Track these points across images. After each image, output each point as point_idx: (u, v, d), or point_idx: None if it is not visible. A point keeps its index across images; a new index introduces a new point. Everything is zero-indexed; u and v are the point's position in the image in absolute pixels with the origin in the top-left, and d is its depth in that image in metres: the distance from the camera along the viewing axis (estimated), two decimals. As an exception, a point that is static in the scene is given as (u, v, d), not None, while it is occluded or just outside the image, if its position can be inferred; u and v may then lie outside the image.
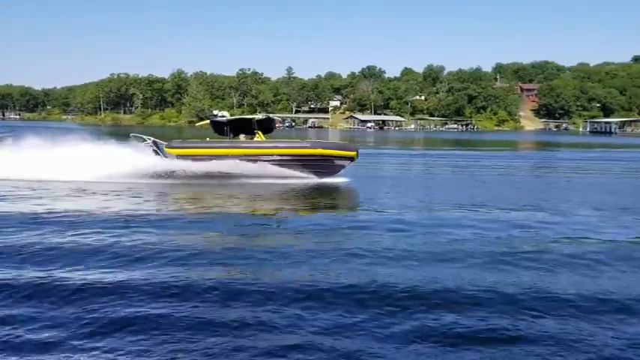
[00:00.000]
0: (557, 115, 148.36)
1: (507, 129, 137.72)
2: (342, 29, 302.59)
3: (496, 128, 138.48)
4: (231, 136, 19.66)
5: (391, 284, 7.53)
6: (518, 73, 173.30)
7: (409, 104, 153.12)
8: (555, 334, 6.09)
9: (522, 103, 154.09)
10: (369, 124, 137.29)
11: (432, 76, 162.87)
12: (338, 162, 19.26)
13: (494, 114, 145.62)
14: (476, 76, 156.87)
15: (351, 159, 19.54)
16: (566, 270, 8.47)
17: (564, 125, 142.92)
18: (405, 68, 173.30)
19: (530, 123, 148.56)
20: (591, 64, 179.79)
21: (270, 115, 23.54)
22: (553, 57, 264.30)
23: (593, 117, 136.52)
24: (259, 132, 19.44)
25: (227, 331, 6.00)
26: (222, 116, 20.34)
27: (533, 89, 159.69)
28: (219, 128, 19.92)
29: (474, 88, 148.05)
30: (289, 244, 9.73)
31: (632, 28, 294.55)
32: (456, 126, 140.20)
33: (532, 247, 9.78)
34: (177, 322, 6.22)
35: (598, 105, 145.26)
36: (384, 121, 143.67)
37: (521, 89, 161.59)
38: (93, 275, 7.75)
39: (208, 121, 20.75)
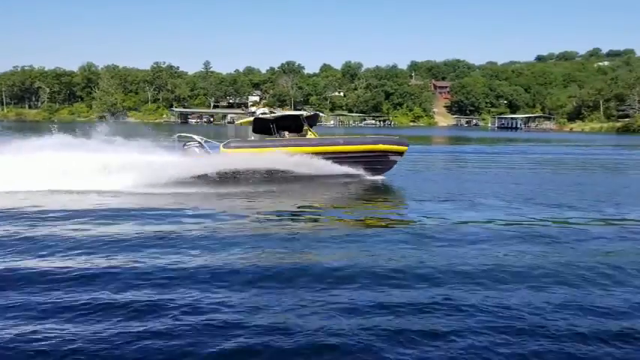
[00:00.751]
0: (468, 111, 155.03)
1: (422, 125, 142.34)
2: (260, 24, 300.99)
3: (412, 124, 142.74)
4: (277, 133, 18.27)
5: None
6: (432, 71, 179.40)
7: (328, 100, 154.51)
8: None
9: (436, 99, 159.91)
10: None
11: (351, 72, 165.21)
12: (392, 157, 18.70)
13: (410, 110, 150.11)
14: (392, 73, 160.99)
15: (402, 154, 19.05)
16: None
17: (474, 121, 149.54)
18: (324, 64, 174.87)
19: (444, 119, 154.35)
20: (499, 63, 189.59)
21: (317, 112, 22.17)
22: (464, 56, 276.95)
23: (501, 113, 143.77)
24: (310, 129, 18.58)
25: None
26: (264, 113, 18.90)
27: (446, 86, 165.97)
28: (264, 125, 18.41)
29: (391, 85, 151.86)
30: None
31: (536, 29, 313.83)
32: (373, 122, 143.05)
33: (441, 229, 10.89)
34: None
35: (505, 102, 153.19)
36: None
37: (435, 86, 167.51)
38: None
39: (250, 119, 19.08)
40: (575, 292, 7.33)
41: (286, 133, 18.51)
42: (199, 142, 17.71)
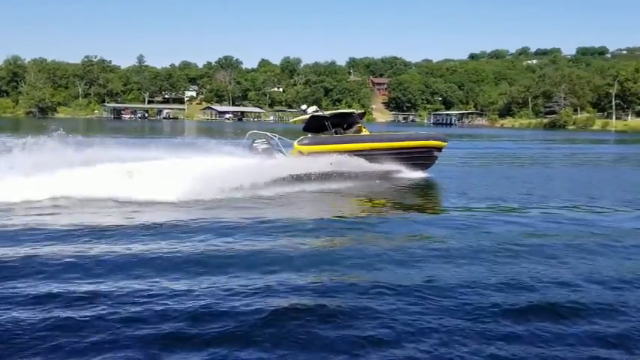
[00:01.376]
0: (405, 107, 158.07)
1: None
2: (197, 18, 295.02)
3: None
4: (332, 131, 17.90)
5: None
6: (370, 67, 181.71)
7: (267, 95, 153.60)
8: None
9: (374, 96, 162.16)
10: (227, 116, 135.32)
11: (290, 68, 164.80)
12: (435, 153, 18.61)
13: (349, 106, 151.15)
14: (331, 69, 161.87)
15: (442, 150, 18.85)
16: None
17: (411, 117, 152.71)
18: (263, 60, 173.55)
19: (382, 115, 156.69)
20: (434, 61, 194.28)
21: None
22: (400, 53, 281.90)
23: (436, 110, 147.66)
24: (363, 126, 18.30)
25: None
26: (316, 111, 18.47)
27: (384, 83, 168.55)
28: (319, 123, 18.01)
29: (330, 81, 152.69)
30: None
31: (469, 28, 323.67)
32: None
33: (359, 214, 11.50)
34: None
35: (440, 99, 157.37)
36: (242, 113, 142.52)
37: (373, 83, 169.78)
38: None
39: (306, 116, 18.37)
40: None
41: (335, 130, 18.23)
42: (270, 140, 17.44)
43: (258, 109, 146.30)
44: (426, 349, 5.32)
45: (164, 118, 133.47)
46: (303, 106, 19.22)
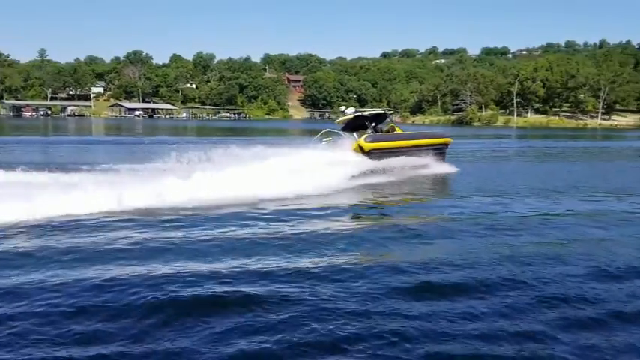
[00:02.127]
0: (320, 105, 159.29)
1: (277, 118, 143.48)
2: (103, 11, 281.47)
3: (267, 117, 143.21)
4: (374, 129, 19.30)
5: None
6: (285, 64, 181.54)
7: (180, 92, 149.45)
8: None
9: (290, 93, 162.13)
10: (137, 112, 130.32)
11: (203, 64, 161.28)
12: (447, 149, 20.86)
13: (265, 103, 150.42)
14: (246, 65, 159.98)
15: (449, 146, 21.21)
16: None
17: (327, 114, 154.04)
18: (174, 55, 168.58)
19: (298, 112, 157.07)
20: (348, 59, 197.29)
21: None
22: (315, 50, 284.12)
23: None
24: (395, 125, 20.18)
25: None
26: (357, 111, 20.05)
27: (299, 80, 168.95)
28: (360, 122, 19.37)
29: (245, 78, 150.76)
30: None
31: (382, 27, 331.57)
32: (228, 114, 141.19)
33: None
34: None
35: (355, 96, 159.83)
36: (153, 109, 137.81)
37: (289, 80, 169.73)
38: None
39: (350, 117, 19.34)
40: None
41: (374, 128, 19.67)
42: (338, 139, 18.82)
43: (170, 106, 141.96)
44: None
45: (69, 115, 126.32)
46: (342, 108, 21.12)
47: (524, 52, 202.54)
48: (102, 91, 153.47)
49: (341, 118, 19.90)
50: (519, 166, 26.27)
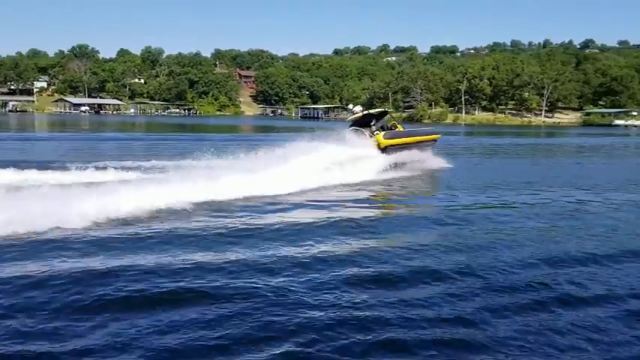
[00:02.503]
0: (273, 101, 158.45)
1: (229, 114, 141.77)
2: (47, 3, 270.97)
3: (218, 113, 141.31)
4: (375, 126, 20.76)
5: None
6: (237, 60, 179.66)
7: (127, 87, 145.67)
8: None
9: (241, 89, 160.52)
10: (82, 108, 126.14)
11: (151, 58, 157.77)
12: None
13: (216, 99, 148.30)
14: (196, 60, 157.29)
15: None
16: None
17: (279, 111, 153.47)
18: (121, 49, 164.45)
19: (250, 108, 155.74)
20: (300, 55, 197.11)
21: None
22: (267, 46, 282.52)
23: (304, 103, 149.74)
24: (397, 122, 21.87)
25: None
26: (364, 110, 22.01)
27: (251, 76, 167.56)
28: (367, 120, 20.83)
29: (195, 73, 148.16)
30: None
31: (334, 23, 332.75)
32: (178, 110, 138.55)
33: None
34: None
35: (307, 92, 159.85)
36: (100, 105, 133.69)
37: (240, 76, 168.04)
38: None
39: (359, 115, 21.18)
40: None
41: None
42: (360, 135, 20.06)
43: (117, 101, 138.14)
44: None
45: (10, 110, 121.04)
46: (350, 106, 23.25)
47: (472, 51, 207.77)
48: (45, 86, 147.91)
49: (352, 116, 21.44)
50: (467, 162, 26.77)
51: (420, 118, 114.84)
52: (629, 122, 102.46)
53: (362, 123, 20.67)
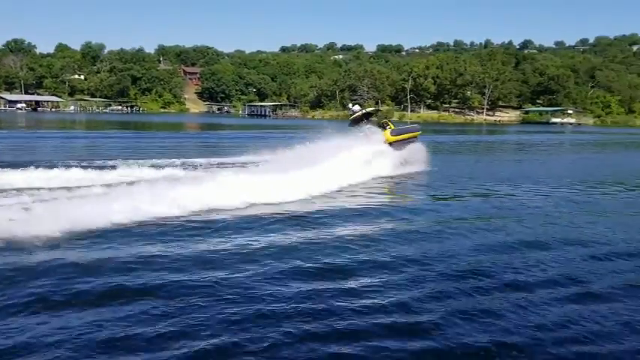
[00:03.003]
0: (219, 98, 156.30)
1: (173, 111, 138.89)
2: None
3: (162, 110, 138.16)
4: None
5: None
6: (181, 56, 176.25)
7: (67, 83, 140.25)
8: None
9: (186, 86, 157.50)
10: (19, 105, 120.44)
11: (92, 54, 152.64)
12: None
13: (160, 96, 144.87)
14: (139, 56, 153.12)
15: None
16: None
17: (226, 108, 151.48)
18: (60, 44, 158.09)
19: (195, 106, 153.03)
20: (247, 52, 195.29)
21: None
22: (212, 42, 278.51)
23: (251, 101, 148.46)
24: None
25: None
26: (365, 109, 23.58)
27: (196, 73, 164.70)
28: (367, 117, 22.57)
29: (138, 69, 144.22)
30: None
31: (280, 21, 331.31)
32: (120, 107, 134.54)
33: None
34: None
35: (254, 90, 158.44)
36: (37, 102, 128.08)
37: (185, 72, 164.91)
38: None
39: (359, 113, 22.44)
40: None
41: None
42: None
43: (56, 98, 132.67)
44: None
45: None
46: (350, 105, 24.54)
47: (417, 50, 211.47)
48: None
49: (354, 115, 22.65)
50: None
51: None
52: (565, 120, 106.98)
53: (358, 121, 22.33)
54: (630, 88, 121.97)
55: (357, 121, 22.23)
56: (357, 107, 23.13)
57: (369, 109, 23.59)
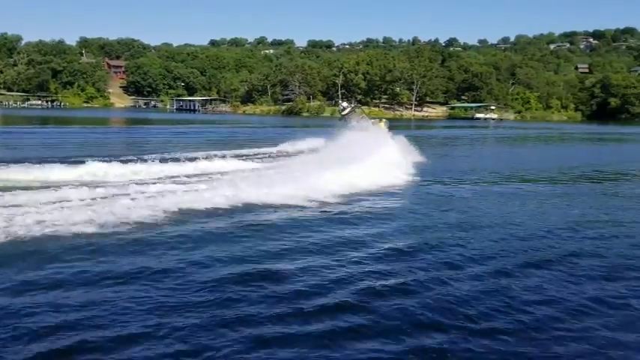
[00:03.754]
0: (145, 92, 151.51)
1: (97, 106, 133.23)
2: None
3: (85, 105, 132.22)
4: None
5: None
6: (105, 48, 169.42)
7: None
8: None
9: (111, 79, 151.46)
10: None
11: (8, 46, 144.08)
12: None
13: (82, 90, 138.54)
14: (59, 49, 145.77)
15: None
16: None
17: (153, 103, 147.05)
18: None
19: (120, 100, 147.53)
20: (174, 45, 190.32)
21: None
22: (138, 35, 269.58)
23: (179, 95, 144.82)
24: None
25: None
26: (351, 104, 27.22)
27: (121, 66, 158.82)
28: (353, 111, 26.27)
29: (59, 62, 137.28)
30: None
31: (209, 14, 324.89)
32: (39, 102, 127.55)
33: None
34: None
35: (183, 84, 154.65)
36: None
37: (109, 65, 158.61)
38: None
39: (349, 109, 26.90)
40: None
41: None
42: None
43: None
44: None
45: None
46: (340, 101, 26.65)
47: (348, 46, 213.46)
48: None
49: (346, 111, 26.30)
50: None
51: (299, 111, 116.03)
52: (488, 115, 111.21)
53: (347, 114, 26.10)
54: (548, 85, 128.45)
55: (345, 114, 26.28)
56: (345, 104, 27.76)
57: (353, 105, 27.91)
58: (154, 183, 14.72)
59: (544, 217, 12.87)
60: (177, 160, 19.40)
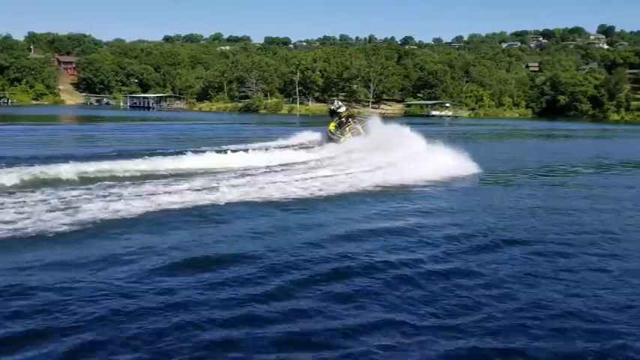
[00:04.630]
0: (97, 89, 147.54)
1: (47, 103, 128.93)
2: None
3: (34, 102, 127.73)
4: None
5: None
6: (54, 44, 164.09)
7: None
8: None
9: (61, 76, 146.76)
10: None
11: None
12: None
13: (31, 87, 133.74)
14: (6, 44, 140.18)
15: None
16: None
17: (105, 100, 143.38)
18: None
19: (71, 97, 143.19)
20: (127, 41, 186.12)
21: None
22: (89, 30, 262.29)
23: (133, 92, 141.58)
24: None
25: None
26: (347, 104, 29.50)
27: (72, 62, 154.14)
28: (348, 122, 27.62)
29: (5, 58, 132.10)
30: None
31: (163, 10, 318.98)
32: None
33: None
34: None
35: (136, 81, 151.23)
36: None
37: (59, 62, 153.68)
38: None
39: (343, 108, 29.11)
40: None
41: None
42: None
43: None
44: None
45: None
46: (334, 100, 29.25)
47: (305, 44, 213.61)
48: None
49: (345, 112, 28.33)
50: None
51: (257, 108, 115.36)
52: (443, 113, 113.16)
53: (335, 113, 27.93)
54: (500, 83, 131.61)
55: (334, 114, 28.26)
56: (339, 103, 29.58)
57: (346, 109, 29.96)
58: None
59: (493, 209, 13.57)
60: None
